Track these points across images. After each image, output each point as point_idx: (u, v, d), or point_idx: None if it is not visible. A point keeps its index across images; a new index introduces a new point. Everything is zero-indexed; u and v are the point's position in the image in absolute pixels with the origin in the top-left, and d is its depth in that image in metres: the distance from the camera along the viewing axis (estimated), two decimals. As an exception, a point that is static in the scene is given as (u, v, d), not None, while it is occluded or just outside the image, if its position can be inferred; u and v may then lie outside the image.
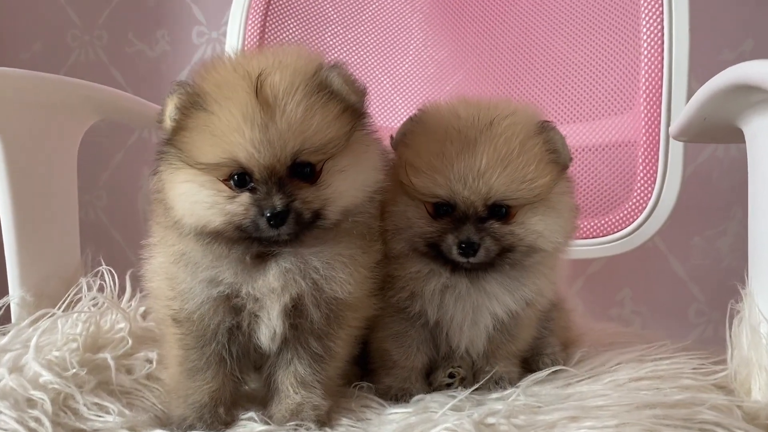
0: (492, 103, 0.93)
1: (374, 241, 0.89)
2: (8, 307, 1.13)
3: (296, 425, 0.81)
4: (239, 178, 0.77)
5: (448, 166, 0.87)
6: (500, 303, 0.95)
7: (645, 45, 1.41)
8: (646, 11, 1.41)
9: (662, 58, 1.39)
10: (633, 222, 1.45)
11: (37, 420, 0.78)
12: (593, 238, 1.47)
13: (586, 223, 1.47)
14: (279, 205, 0.75)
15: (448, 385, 0.98)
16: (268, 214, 0.75)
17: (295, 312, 0.84)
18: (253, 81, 0.75)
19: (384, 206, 0.93)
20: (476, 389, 0.94)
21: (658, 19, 1.40)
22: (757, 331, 0.87)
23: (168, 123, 0.79)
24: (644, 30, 1.41)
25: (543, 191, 0.89)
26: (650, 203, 1.43)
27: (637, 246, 1.47)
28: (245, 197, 0.77)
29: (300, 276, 0.82)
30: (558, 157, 0.92)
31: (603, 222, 1.47)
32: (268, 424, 0.82)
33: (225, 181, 0.78)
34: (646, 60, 1.41)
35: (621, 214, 1.46)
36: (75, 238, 1.27)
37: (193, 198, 0.79)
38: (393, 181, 0.93)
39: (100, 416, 0.81)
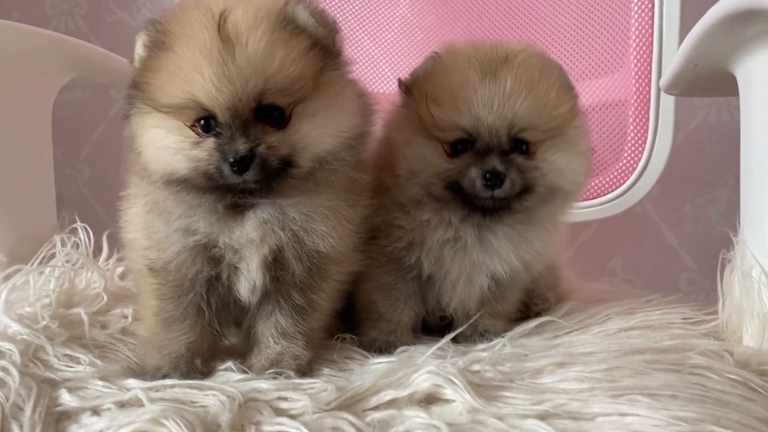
0: (504, 42, 0.91)
1: (359, 194, 0.86)
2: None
3: (275, 373, 0.78)
4: (205, 123, 0.74)
5: (472, 93, 0.84)
6: (502, 260, 0.92)
7: (635, 7, 1.39)
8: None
9: (653, 15, 1.37)
10: (623, 183, 1.44)
11: (4, 369, 0.74)
12: (583, 200, 1.45)
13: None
14: (242, 149, 0.72)
15: (441, 319, 0.98)
16: (231, 160, 0.72)
17: (275, 264, 0.81)
18: (215, 17, 0.72)
19: (396, 150, 0.91)
20: (462, 342, 0.92)
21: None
22: (749, 276, 0.85)
23: (137, 62, 0.77)
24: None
25: (564, 120, 0.87)
26: (640, 164, 1.42)
27: (627, 208, 1.45)
28: (210, 142, 0.74)
29: (279, 227, 0.79)
30: (571, 88, 0.90)
31: (593, 184, 1.45)
32: (246, 372, 0.80)
33: (192, 126, 0.75)
34: (636, 18, 1.39)
35: (611, 176, 1.45)
36: (51, 199, 1.24)
37: (160, 143, 0.76)
38: (405, 122, 0.92)
39: (70, 366, 0.78)
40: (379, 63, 1.79)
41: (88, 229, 1.09)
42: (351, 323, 0.99)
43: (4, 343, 0.80)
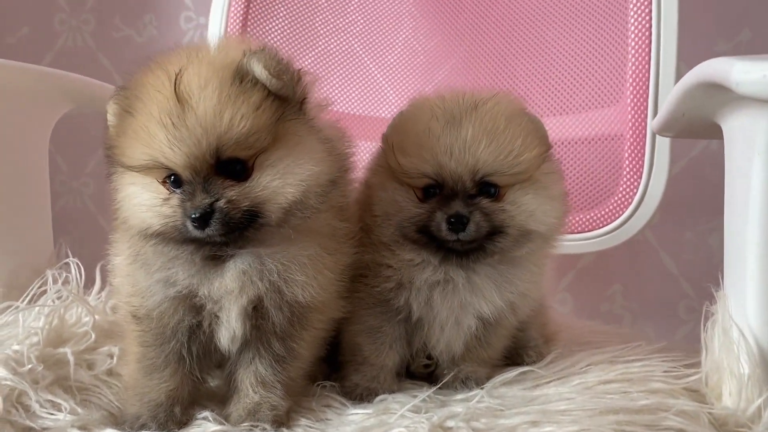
0: (476, 91, 0.92)
1: (342, 242, 0.87)
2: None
3: (251, 425, 0.79)
4: (174, 179, 0.75)
5: (434, 141, 0.87)
6: (487, 300, 0.92)
7: (632, 37, 1.38)
8: (635, 3, 1.37)
9: (650, 51, 1.36)
10: (619, 217, 1.43)
11: (-15, 418, 0.76)
12: (580, 233, 1.44)
13: (572, 218, 1.45)
14: (201, 206, 0.73)
15: (426, 366, 0.98)
16: (192, 216, 0.73)
17: (256, 313, 0.82)
18: (171, 79, 0.73)
19: (372, 192, 0.93)
20: (442, 389, 0.92)
21: (647, 11, 1.37)
22: (728, 334, 0.85)
23: (110, 128, 0.79)
24: (632, 22, 1.38)
25: (530, 166, 0.88)
26: (636, 198, 1.41)
27: (623, 241, 1.44)
28: (175, 199, 0.75)
29: (257, 278, 0.80)
30: (542, 137, 0.91)
31: (589, 216, 1.44)
32: (222, 424, 0.81)
33: (164, 182, 0.76)
34: (633, 53, 1.38)
35: (607, 209, 1.44)
36: (47, 229, 1.26)
37: (135, 200, 0.78)
38: (379, 168, 0.94)
39: (51, 413, 0.80)
40: (383, 86, 1.79)
41: (80, 264, 1.11)
42: (335, 364, 1.00)
43: (-10, 388, 0.82)
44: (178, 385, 0.84)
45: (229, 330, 0.83)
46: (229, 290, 0.80)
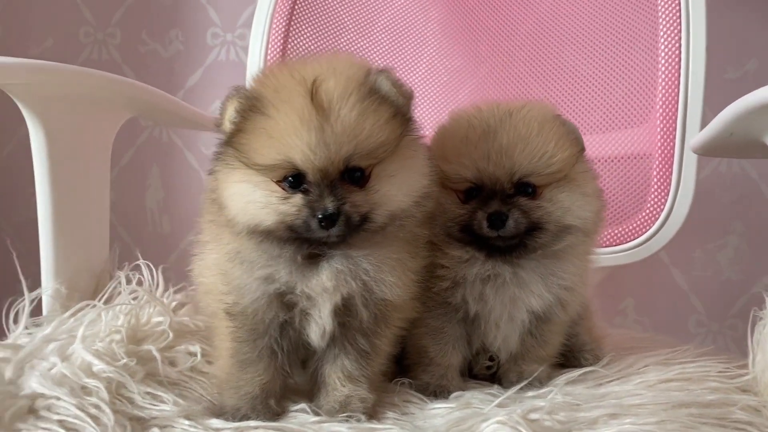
0: (510, 101, 1.01)
1: (420, 246, 0.93)
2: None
3: (347, 416, 0.84)
4: (293, 180, 0.80)
5: (471, 149, 0.94)
6: (535, 294, 0.98)
7: (662, 60, 1.47)
8: (664, 25, 1.46)
9: (679, 74, 1.44)
10: (645, 233, 1.50)
11: (96, 407, 0.79)
12: (608, 246, 1.51)
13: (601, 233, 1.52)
14: (331, 207, 0.78)
15: (488, 368, 1.03)
16: (320, 216, 0.78)
17: (344, 311, 0.87)
18: (308, 86, 0.79)
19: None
20: (508, 387, 0.97)
21: (676, 34, 1.45)
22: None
23: (227, 125, 0.83)
24: (662, 44, 1.46)
25: (564, 166, 0.96)
26: (662, 215, 1.48)
27: (647, 256, 1.52)
28: (298, 198, 0.80)
29: (351, 277, 0.85)
30: (575, 139, 0.99)
31: (616, 232, 1.51)
32: (319, 415, 0.85)
33: (278, 182, 0.81)
34: (663, 75, 1.47)
35: (633, 225, 1.51)
36: (105, 232, 1.28)
37: (248, 197, 0.82)
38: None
39: (155, 405, 0.83)
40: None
41: (152, 266, 1.14)
42: (402, 368, 1.04)
43: (91, 380, 0.84)
44: (271, 378, 0.88)
45: (320, 326, 0.88)
46: (326, 288, 0.84)
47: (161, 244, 2.21)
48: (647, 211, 1.50)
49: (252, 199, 0.81)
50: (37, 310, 1.14)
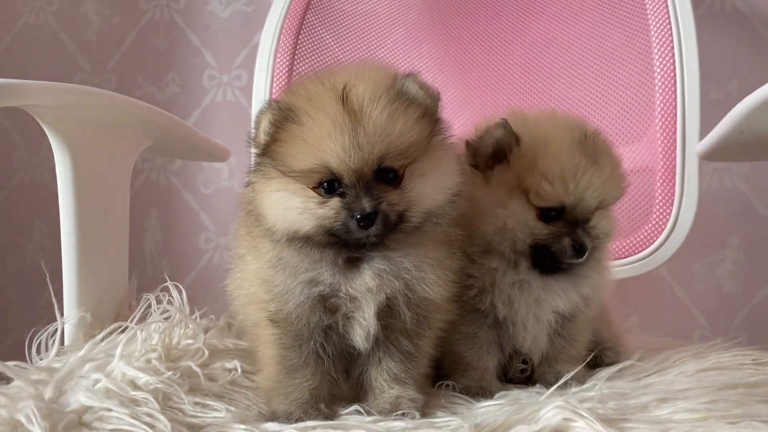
0: (568, 116, 1.05)
1: (455, 246, 0.94)
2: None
3: (402, 414, 0.83)
4: (329, 185, 0.82)
5: (580, 176, 0.96)
6: (563, 297, 1.02)
7: (658, 75, 1.53)
8: (657, 42, 1.53)
9: (675, 87, 1.50)
10: (652, 244, 1.54)
11: (150, 416, 0.78)
12: (614, 259, 1.54)
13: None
14: (368, 206, 0.80)
15: (522, 371, 1.04)
16: (359, 216, 0.80)
17: (387, 312, 0.88)
18: (339, 93, 0.81)
19: (485, 207, 0.99)
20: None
21: (669, 48, 1.52)
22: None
23: (262, 138, 0.84)
24: (656, 60, 1.53)
25: (623, 194, 1.04)
26: (668, 226, 1.52)
27: (654, 267, 1.55)
28: (335, 202, 0.82)
29: (393, 276, 0.86)
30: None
31: (624, 244, 1.55)
32: (373, 414, 0.84)
33: (314, 188, 0.83)
34: (659, 90, 1.53)
35: (641, 237, 1.54)
36: (125, 260, 1.27)
37: (286, 205, 0.83)
38: (497, 185, 1.00)
39: (207, 413, 0.82)
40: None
41: (180, 287, 1.13)
42: (440, 376, 1.04)
43: (138, 392, 0.83)
44: (319, 383, 0.88)
45: (364, 328, 0.88)
46: (369, 288, 0.85)
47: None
48: (653, 222, 1.53)
49: (290, 206, 0.83)
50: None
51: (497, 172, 1.00)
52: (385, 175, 0.83)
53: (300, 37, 1.78)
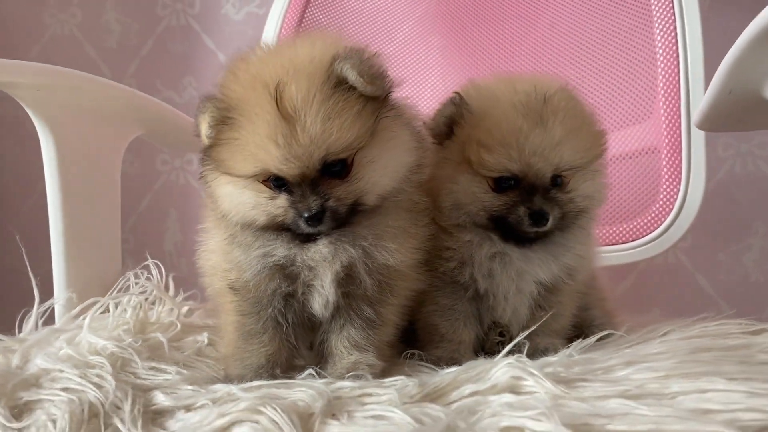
0: (534, 78, 0.98)
1: (422, 215, 0.92)
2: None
3: (355, 375, 0.82)
4: (277, 180, 0.80)
5: (522, 141, 0.90)
6: (544, 269, 0.97)
7: (660, 54, 1.48)
8: (659, 19, 1.48)
9: (678, 65, 1.45)
10: (661, 224, 1.48)
11: (99, 376, 0.78)
12: (622, 243, 1.49)
13: (614, 229, 1.50)
14: (314, 206, 0.78)
15: (500, 344, 0.99)
16: (305, 216, 0.79)
17: (347, 280, 0.86)
18: (272, 92, 0.76)
19: (440, 183, 0.96)
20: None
21: (671, 28, 1.47)
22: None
23: (205, 140, 0.82)
24: (658, 39, 1.48)
25: (596, 157, 0.97)
26: (676, 205, 1.46)
27: (665, 249, 1.48)
28: (283, 199, 0.80)
29: (349, 245, 0.84)
30: (601, 130, 0.99)
31: (630, 227, 1.49)
32: (325, 377, 0.83)
33: (265, 182, 0.81)
34: (662, 69, 1.48)
35: (648, 218, 1.49)
36: (117, 247, 1.30)
37: (237, 199, 0.82)
38: (446, 161, 0.97)
39: (158, 375, 0.82)
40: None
41: (160, 264, 1.15)
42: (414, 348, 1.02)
43: (95, 357, 0.84)
44: (276, 349, 0.87)
45: (322, 296, 0.87)
46: (324, 256, 0.84)
47: (179, 287, 2.21)
48: (660, 203, 1.48)
49: (241, 200, 0.82)
50: (51, 321, 1.14)
51: (446, 146, 0.97)
52: (332, 168, 0.80)
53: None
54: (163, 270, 1.15)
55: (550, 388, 0.70)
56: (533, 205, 0.92)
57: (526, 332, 0.94)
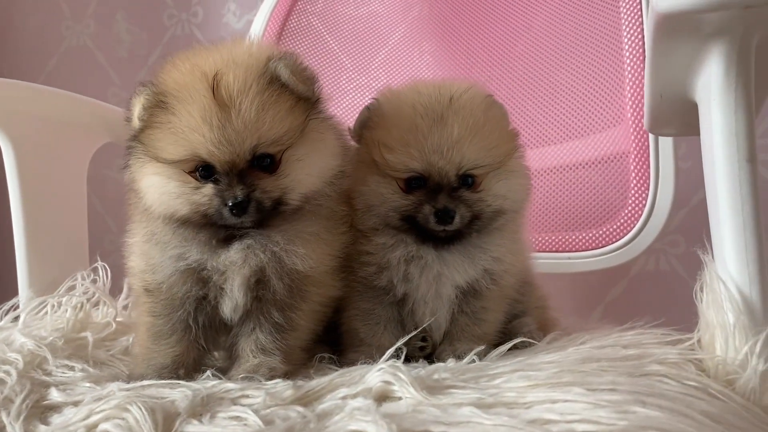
0: (445, 83, 0.99)
1: (339, 223, 0.94)
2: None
3: (246, 378, 0.84)
4: (204, 170, 0.83)
5: (421, 140, 0.92)
6: (460, 272, 0.97)
7: (627, 58, 1.45)
8: (627, 25, 1.46)
9: (644, 69, 1.42)
10: (631, 230, 1.45)
11: (5, 372, 0.83)
12: (593, 249, 1.47)
13: (584, 235, 1.48)
14: (240, 195, 0.81)
15: (421, 349, 1.00)
16: (230, 204, 0.81)
17: (258, 285, 0.89)
18: (209, 82, 0.80)
19: (351, 188, 0.98)
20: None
21: (639, 34, 1.44)
22: (714, 289, 0.86)
23: (136, 123, 0.85)
24: (626, 43, 1.46)
25: (505, 157, 0.96)
26: (645, 210, 1.43)
27: (633, 257, 1.45)
28: (209, 188, 0.83)
29: (260, 250, 0.87)
30: (510, 126, 1.00)
31: (601, 232, 1.47)
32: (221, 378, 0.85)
33: (191, 172, 0.84)
34: (629, 73, 1.45)
35: (617, 224, 1.46)
36: (83, 250, 1.35)
37: (162, 189, 0.85)
38: (359, 164, 0.99)
39: (65, 373, 0.86)
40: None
41: (107, 267, 1.20)
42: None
43: (13, 354, 0.89)
44: (183, 351, 0.90)
45: (231, 300, 0.89)
46: (233, 261, 0.87)
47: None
48: (629, 207, 1.45)
49: (166, 190, 0.85)
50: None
51: (357, 151, 0.99)
52: (261, 162, 0.83)
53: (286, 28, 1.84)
54: (109, 272, 1.19)
55: (413, 394, 0.71)
56: (437, 203, 0.93)
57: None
